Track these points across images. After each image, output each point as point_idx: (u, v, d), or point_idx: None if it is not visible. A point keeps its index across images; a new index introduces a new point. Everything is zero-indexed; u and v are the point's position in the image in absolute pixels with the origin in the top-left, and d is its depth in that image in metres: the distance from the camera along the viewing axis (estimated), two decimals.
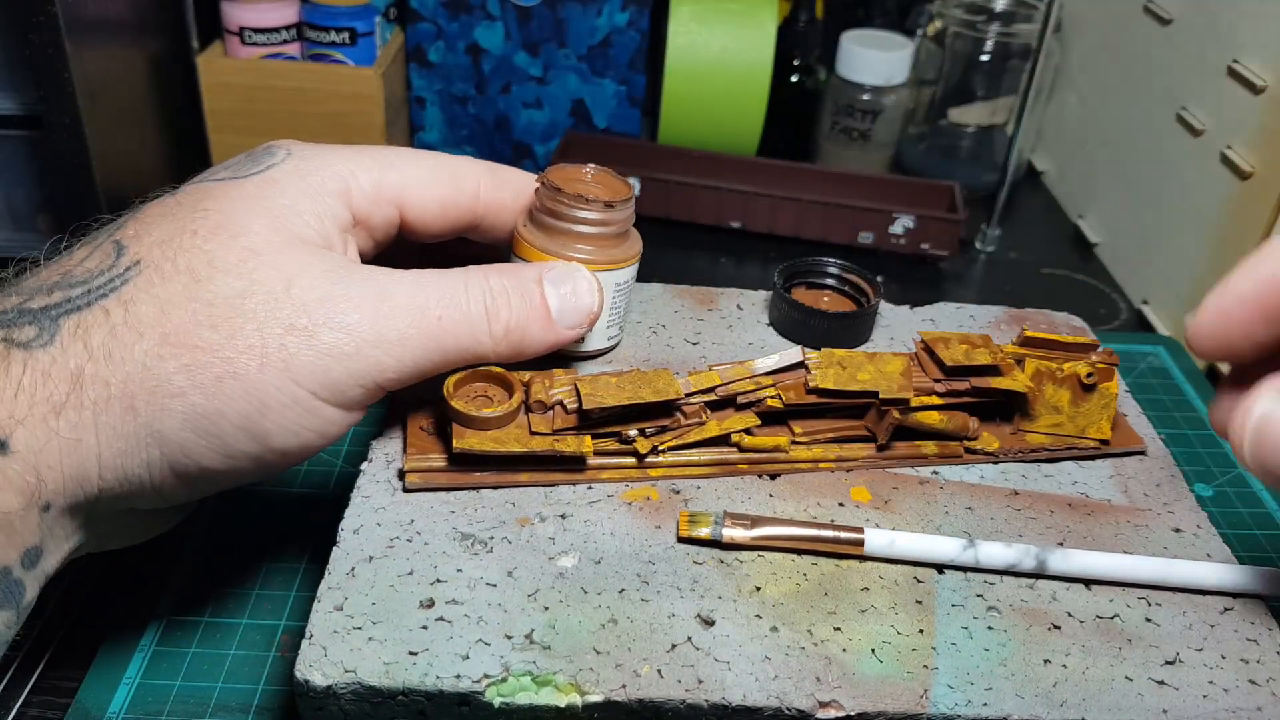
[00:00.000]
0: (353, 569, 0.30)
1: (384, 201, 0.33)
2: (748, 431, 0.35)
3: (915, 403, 0.35)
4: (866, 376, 0.35)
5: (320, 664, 0.27)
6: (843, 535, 0.32)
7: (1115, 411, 0.37)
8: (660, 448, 0.34)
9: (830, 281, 0.44)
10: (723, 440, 0.35)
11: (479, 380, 0.34)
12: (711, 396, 0.35)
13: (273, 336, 0.28)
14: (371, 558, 0.31)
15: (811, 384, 0.35)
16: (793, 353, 0.35)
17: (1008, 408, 0.37)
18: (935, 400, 0.35)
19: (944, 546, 0.32)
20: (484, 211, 0.36)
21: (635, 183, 0.66)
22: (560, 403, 0.33)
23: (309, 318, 0.29)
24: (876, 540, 0.32)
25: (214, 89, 0.64)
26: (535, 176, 0.39)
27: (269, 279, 0.29)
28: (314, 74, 0.64)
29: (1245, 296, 0.27)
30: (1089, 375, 0.36)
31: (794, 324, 0.42)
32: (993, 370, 0.35)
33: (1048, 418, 0.36)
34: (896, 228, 0.64)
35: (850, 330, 0.41)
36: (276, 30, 0.64)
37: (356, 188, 0.33)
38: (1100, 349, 0.37)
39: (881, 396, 0.34)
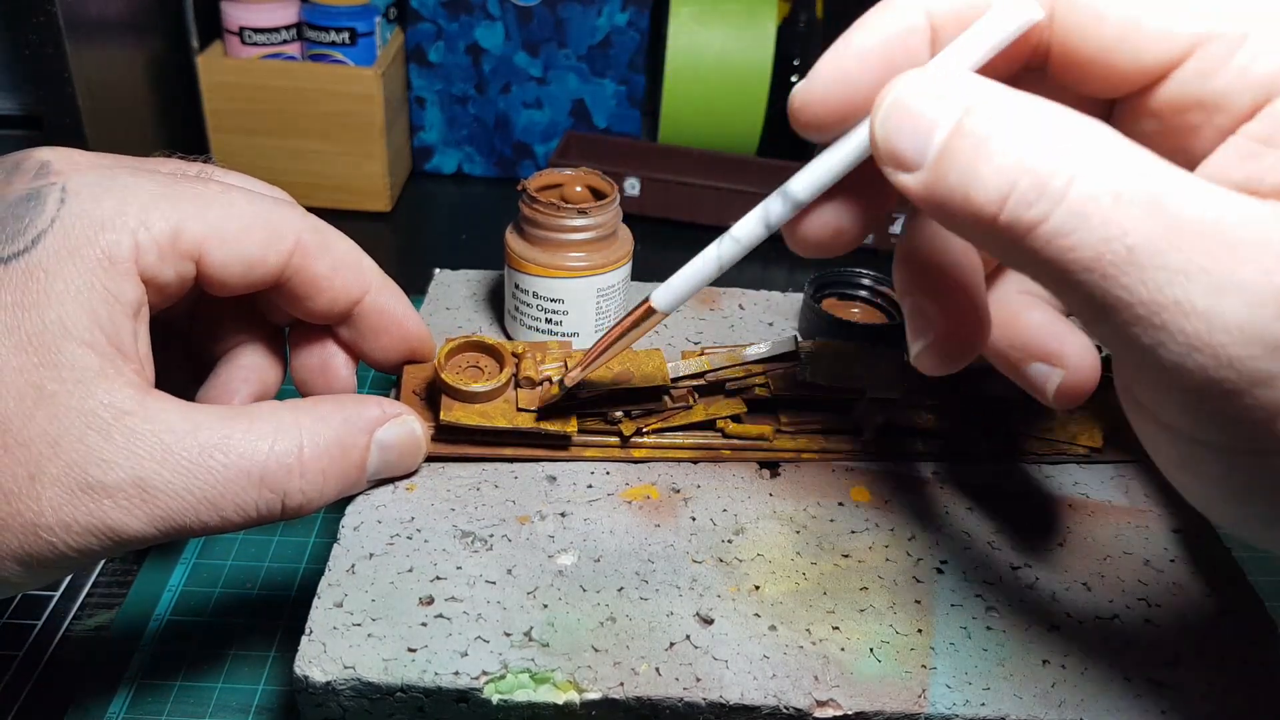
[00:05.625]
0: (353, 566, 0.30)
1: (179, 256, 0.28)
2: (735, 419, 0.35)
3: (904, 401, 0.35)
4: (857, 373, 0.35)
5: (319, 660, 0.27)
6: (632, 316, 0.29)
7: (1109, 421, 0.36)
8: (645, 430, 0.34)
9: (862, 293, 0.44)
10: (708, 425, 0.35)
11: (471, 349, 0.35)
12: (700, 382, 0.35)
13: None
14: (371, 555, 0.31)
15: (801, 377, 0.35)
16: (785, 341, 0.35)
17: (1001, 408, 0.37)
18: (925, 401, 0.35)
19: (707, 256, 0.27)
20: (291, 275, 0.30)
21: (635, 182, 0.66)
22: (549, 378, 0.34)
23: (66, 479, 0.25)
24: (661, 296, 0.28)
25: (214, 89, 0.64)
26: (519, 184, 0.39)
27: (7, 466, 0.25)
28: (314, 74, 0.64)
29: (869, 53, 0.23)
30: None
31: (823, 335, 0.41)
32: (988, 377, 0.35)
33: (1040, 421, 0.36)
34: (896, 228, 0.64)
35: (881, 344, 0.41)
36: (276, 30, 0.64)
37: (147, 242, 0.27)
38: (1103, 354, 0.36)
39: (870, 396, 0.34)
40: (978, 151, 0.20)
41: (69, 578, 0.39)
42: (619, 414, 0.34)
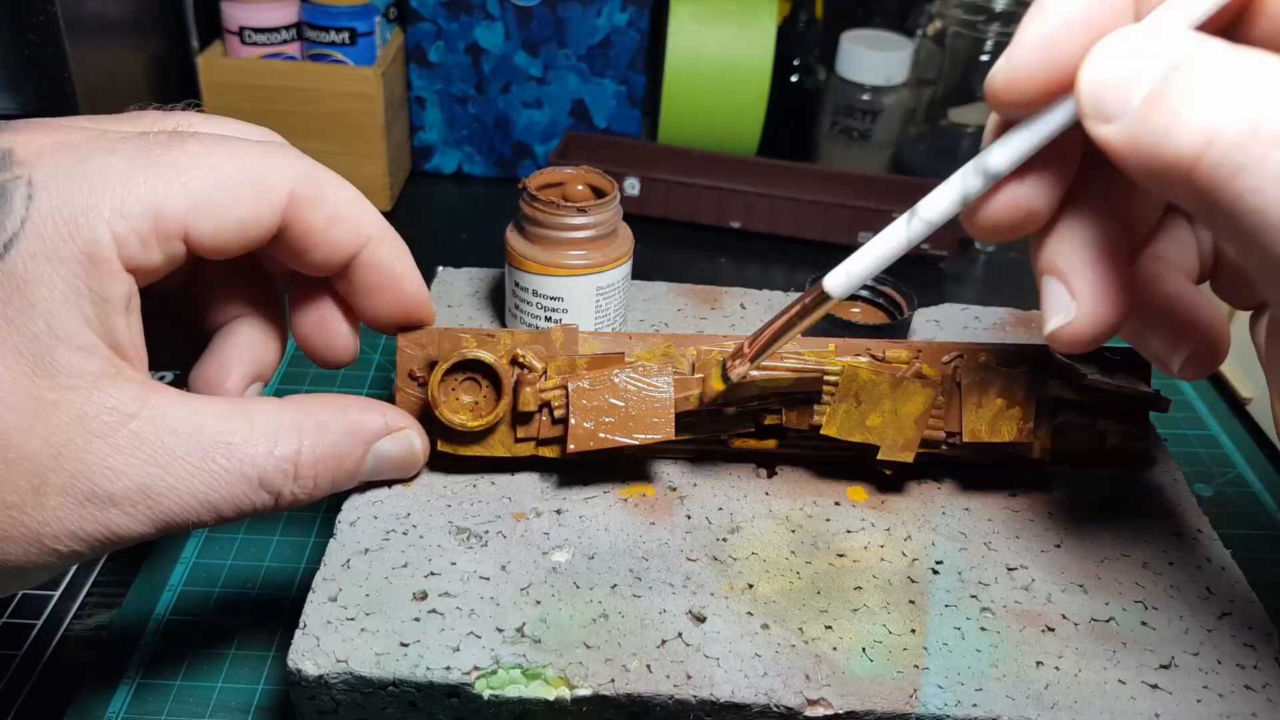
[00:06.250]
0: (348, 560, 0.30)
1: (163, 238, 0.26)
2: (745, 435, 0.35)
3: (914, 458, 0.33)
4: (877, 422, 0.32)
5: (313, 653, 0.27)
6: (804, 303, 0.27)
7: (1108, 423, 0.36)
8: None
9: (863, 293, 0.43)
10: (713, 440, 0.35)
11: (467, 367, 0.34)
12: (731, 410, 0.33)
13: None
14: (367, 550, 0.31)
15: (814, 422, 0.33)
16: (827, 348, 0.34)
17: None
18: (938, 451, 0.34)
19: (893, 234, 0.25)
20: (286, 228, 0.28)
21: (635, 182, 0.66)
22: (547, 405, 0.32)
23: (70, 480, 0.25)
24: (836, 281, 0.26)
25: (214, 89, 0.64)
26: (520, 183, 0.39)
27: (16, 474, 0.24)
28: (314, 74, 0.64)
29: (1075, 20, 0.22)
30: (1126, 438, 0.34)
31: (823, 335, 0.41)
32: (1013, 448, 0.33)
33: (1040, 423, 0.35)
34: None
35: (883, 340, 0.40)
36: (276, 30, 0.64)
37: (126, 231, 0.25)
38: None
39: (880, 456, 0.33)
40: (1184, 99, 0.19)
41: (69, 577, 0.39)
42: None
